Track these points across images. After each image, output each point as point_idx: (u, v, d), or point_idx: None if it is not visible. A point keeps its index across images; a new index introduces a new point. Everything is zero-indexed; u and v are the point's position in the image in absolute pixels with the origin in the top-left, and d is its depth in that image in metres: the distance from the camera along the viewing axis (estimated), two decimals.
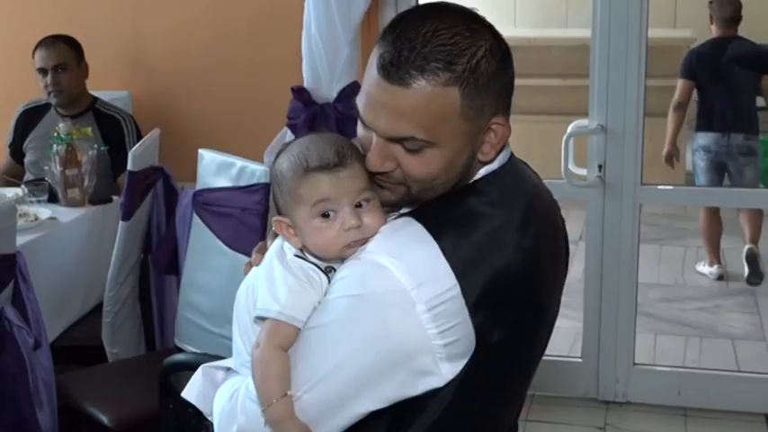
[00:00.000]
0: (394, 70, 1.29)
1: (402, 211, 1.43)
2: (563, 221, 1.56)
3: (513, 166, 1.48)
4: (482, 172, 1.43)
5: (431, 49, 1.29)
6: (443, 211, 1.39)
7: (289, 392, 1.32)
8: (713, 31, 5.22)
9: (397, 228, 1.38)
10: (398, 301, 1.30)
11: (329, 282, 1.36)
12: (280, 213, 1.43)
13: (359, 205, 1.37)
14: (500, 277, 1.35)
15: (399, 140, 1.33)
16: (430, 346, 1.30)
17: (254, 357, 1.35)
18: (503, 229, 1.38)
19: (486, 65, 1.33)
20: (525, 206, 1.43)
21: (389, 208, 1.43)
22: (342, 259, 1.37)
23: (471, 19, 1.35)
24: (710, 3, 5.18)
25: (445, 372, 1.33)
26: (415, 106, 1.30)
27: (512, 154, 1.48)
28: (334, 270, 1.37)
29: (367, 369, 1.32)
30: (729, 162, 5.30)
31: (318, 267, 1.37)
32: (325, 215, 1.35)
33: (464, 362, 1.34)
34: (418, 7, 1.42)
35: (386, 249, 1.33)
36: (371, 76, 1.33)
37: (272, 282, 1.37)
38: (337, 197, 1.35)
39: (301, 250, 1.39)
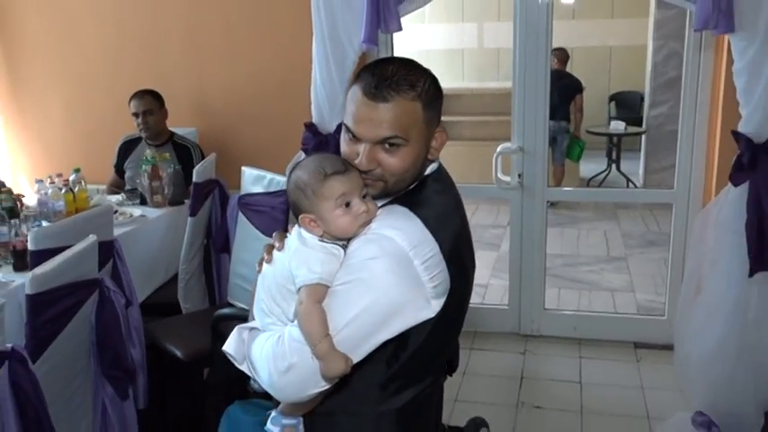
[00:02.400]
0: (378, 92, 1.32)
1: (382, 202, 1.42)
2: None
3: (443, 168, 1.50)
4: (428, 171, 1.45)
5: (398, 78, 1.33)
6: (413, 198, 1.40)
7: (329, 334, 1.27)
8: (553, 66, 5.90)
9: (391, 211, 1.38)
10: (402, 259, 1.30)
11: (345, 253, 1.34)
12: (300, 213, 1.38)
13: (363, 197, 1.35)
14: (455, 238, 1.38)
15: (383, 141, 1.34)
16: (424, 288, 1.32)
17: (301, 312, 1.29)
18: (449, 207, 1.43)
19: (433, 89, 1.38)
20: (455, 193, 1.48)
21: None
22: (349, 239, 1.35)
23: (414, 63, 1.40)
24: (553, 51, 5.88)
25: (434, 306, 1.34)
26: (395, 114, 1.32)
27: (440, 161, 1.50)
28: (346, 245, 1.35)
29: (384, 310, 1.30)
30: (557, 136, 6.05)
31: (337, 244, 1.35)
32: (346, 205, 1.33)
33: (444, 299, 1.35)
34: (379, 59, 1.44)
35: (388, 225, 1.33)
36: (358, 102, 1.35)
37: (306, 261, 1.32)
38: (351, 192, 1.34)
39: (321, 237, 1.35)
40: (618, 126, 6.70)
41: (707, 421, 2.30)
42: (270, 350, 1.32)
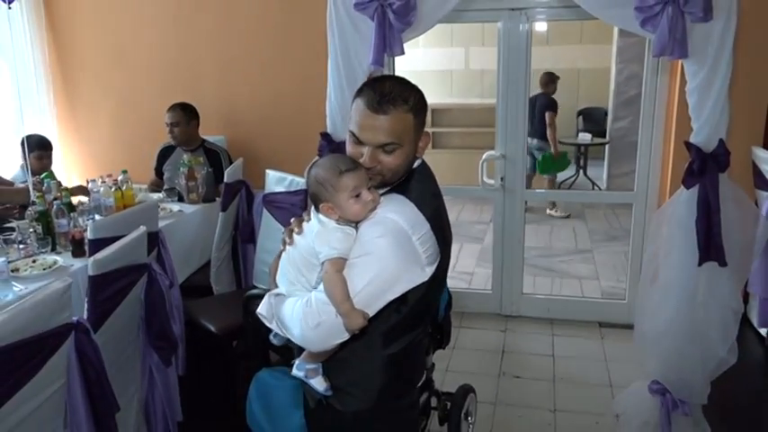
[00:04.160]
0: (379, 106, 1.40)
1: (381, 191, 1.48)
2: None
3: (426, 163, 1.58)
4: (415, 165, 1.53)
5: (395, 95, 1.41)
6: (405, 188, 1.48)
7: (350, 296, 1.35)
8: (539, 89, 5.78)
9: (391, 198, 1.45)
10: (403, 236, 1.38)
11: (356, 233, 1.40)
12: (319, 202, 1.44)
13: (368, 188, 1.42)
14: (436, 217, 1.46)
15: (383, 146, 1.42)
16: (420, 258, 1.41)
17: (326, 280, 1.37)
18: (430, 192, 1.51)
19: (421, 102, 1.47)
20: (434, 182, 1.56)
21: None
22: (359, 221, 1.42)
23: (405, 81, 1.48)
24: (541, 75, 5.86)
25: (428, 271, 1.43)
26: (392, 124, 1.41)
27: (422, 158, 1.57)
28: (356, 227, 1.41)
29: (391, 275, 1.37)
30: (535, 152, 5.82)
31: (350, 225, 1.41)
32: (357, 196, 1.39)
33: (435, 265, 1.44)
34: (376, 77, 1.52)
35: (390, 210, 1.41)
36: (362, 113, 1.42)
37: (327, 240, 1.38)
38: (360, 185, 1.40)
39: (337, 220, 1.42)
40: (585, 137, 6.73)
41: (661, 389, 2.33)
42: (300, 311, 1.39)
